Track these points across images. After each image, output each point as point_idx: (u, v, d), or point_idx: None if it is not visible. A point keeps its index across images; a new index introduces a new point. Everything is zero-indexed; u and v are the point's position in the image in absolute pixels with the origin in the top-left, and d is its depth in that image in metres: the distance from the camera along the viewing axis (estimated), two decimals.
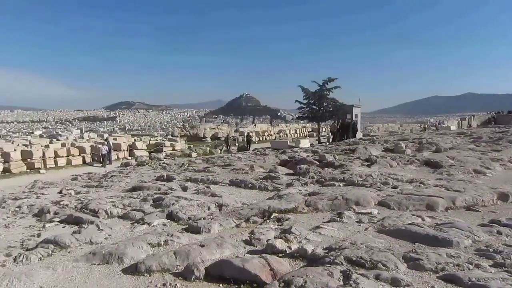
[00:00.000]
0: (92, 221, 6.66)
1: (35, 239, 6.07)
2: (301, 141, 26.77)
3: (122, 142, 26.42)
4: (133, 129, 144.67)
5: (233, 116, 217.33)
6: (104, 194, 9.96)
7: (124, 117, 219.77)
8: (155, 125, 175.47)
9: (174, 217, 6.56)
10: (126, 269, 4.34)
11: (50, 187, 13.18)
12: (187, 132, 38.67)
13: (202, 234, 5.51)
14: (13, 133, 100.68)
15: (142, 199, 8.36)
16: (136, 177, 13.33)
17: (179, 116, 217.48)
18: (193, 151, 25.94)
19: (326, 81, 34.00)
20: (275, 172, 11.13)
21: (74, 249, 5.32)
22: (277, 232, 5.24)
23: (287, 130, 48.59)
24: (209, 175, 11.43)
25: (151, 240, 5.09)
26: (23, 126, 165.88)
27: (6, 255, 5.05)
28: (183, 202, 7.49)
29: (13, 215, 8.32)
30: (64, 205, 8.62)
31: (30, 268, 4.58)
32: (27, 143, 26.05)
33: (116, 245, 4.91)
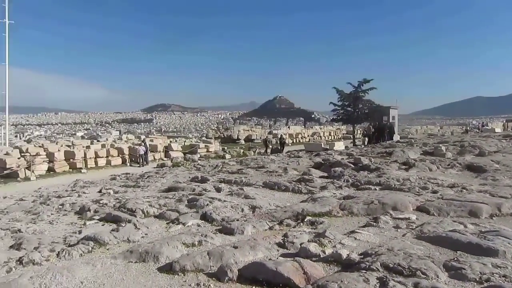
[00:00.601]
0: (130, 220, 6.85)
1: (77, 235, 6.32)
2: (336, 143, 26.39)
3: (158, 144, 27.09)
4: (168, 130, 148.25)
5: (266, 118, 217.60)
6: (141, 194, 10.24)
7: (160, 119, 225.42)
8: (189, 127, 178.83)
9: (208, 218, 6.63)
10: (162, 267, 4.42)
11: (91, 186, 13.72)
12: (221, 134, 39.11)
13: (235, 235, 5.53)
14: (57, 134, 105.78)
15: (177, 200, 8.52)
16: (171, 177, 13.61)
17: (213, 118, 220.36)
18: (227, 152, 26.17)
19: (362, 83, 33.30)
20: (309, 174, 11.01)
21: (113, 246, 5.50)
22: (311, 235, 5.16)
23: (321, 133, 48.09)
24: (243, 177, 11.47)
25: (185, 240, 5.16)
26: (66, 128, 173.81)
27: (50, 250, 5.29)
28: (217, 203, 7.56)
29: (57, 212, 8.73)
30: (103, 204, 8.93)
31: (72, 263, 4.77)
32: (70, 144, 27.27)
33: (152, 244, 5.01)
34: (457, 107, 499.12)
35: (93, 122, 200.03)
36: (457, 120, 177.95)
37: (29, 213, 9.08)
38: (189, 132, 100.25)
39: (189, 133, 79.14)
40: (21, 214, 9.18)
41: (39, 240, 6.13)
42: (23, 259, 5.00)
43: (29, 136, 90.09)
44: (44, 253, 5.18)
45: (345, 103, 33.96)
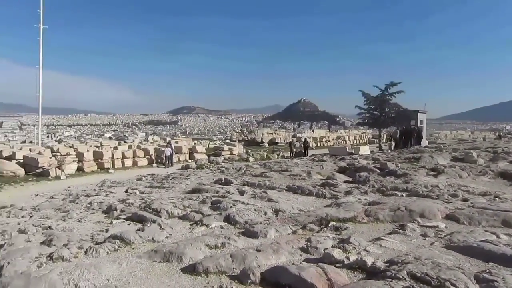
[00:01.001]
0: (155, 220, 6.96)
1: (104, 234, 6.47)
2: (361, 147, 25.99)
3: (183, 145, 27.45)
4: (193, 133, 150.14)
5: (290, 122, 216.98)
6: (166, 195, 10.39)
7: (185, 121, 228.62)
8: (214, 130, 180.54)
9: (231, 221, 6.65)
10: (185, 268, 4.46)
11: (118, 186, 14.05)
12: (245, 136, 39.26)
13: (258, 238, 5.52)
14: (86, 135, 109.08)
15: (201, 201, 8.59)
16: (195, 179, 13.76)
17: (237, 121, 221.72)
18: (251, 155, 26.22)
19: (389, 86, 32.65)
20: (333, 179, 10.89)
21: (138, 245, 5.59)
22: (335, 241, 5.09)
23: (346, 136, 47.50)
24: (266, 180, 11.46)
25: (209, 242, 5.19)
26: (95, 129, 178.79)
27: (78, 247, 5.43)
28: (240, 206, 7.57)
29: (85, 211, 8.97)
30: (129, 203, 9.12)
31: (99, 261, 4.88)
32: (98, 144, 28.03)
33: (176, 244, 5.07)
34: (490, 111, 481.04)
35: (120, 124, 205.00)
36: (490, 125, 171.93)
37: (59, 211, 9.38)
38: (213, 134, 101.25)
39: (213, 136, 79.90)
40: (51, 212, 9.51)
41: (68, 237, 6.31)
42: (53, 255, 5.15)
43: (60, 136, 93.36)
44: (73, 250, 5.33)
45: (371, 106, 33.41)
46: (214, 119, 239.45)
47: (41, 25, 28.72)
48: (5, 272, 4.70)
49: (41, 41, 29.02)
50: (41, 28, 28.80)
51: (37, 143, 30.70)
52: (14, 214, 10.11)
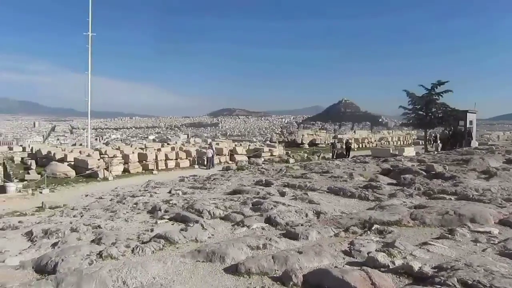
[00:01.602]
0: (197, 221, 7.11)
1: (149, 233, 6.70)
2: (405, 149, 25.12)
3: (224, 147, 27.82)
4: (233, 134, 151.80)
5: (331, 123, 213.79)
6: (207, 196, 10.58)
7: (226, 123, 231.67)
8: (254, 131, 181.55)
9: (272, 222, 6.65)
10: (228, 268, 4.52)
11: (161, 187, 14.49)
12: (285, 138, 39.14)
13: (299, 240, 5.48)
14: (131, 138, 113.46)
15: (242, 202, 8.68)
16: (236, 180, 13.91)
17: (277, 122, 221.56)
18: (291, 157, 26.10)
19: (436, 85, 31.21)
20: (376, 181, 10.61)
21: (182, 245, 5.74)
22: (379, 245, 4.95)
23: (389, 138, 46.08)
24: (307, 182, 11.37)
25: (250, 243, 5.22)
26: (139, 131, 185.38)
27: (126, 246, 5.66)
28: (281, 208, 7.56)
29: (131, 211, 9.33)
30: (173, 204, 9.38)
31: (145, 259, 5.06)
32: (142, 146, 29.05)
33: (218, 244, 5.15)
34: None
35: (163, 126, 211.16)
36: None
37: (108, 211, 9.82)
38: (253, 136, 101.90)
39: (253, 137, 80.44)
40: (100, 212, 9.97)
41: (116, 236, 6.59)
42: (102, 253, 5.41)
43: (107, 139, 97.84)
44: (121, 248, 5.56)
45: (417, 106, 32.10)
46: (254, 121, 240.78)
47: (89, 33, 30.26)
48: (59, 268, 4.98)
49: (90, 48, 30.60)
50: (90, 36, 30.33)
51: (86, 145, 32.35)
52: (66, 213, 10.72)
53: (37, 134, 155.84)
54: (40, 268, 5.24)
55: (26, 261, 5.65)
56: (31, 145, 32.13)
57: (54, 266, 5.03)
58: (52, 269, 5.01)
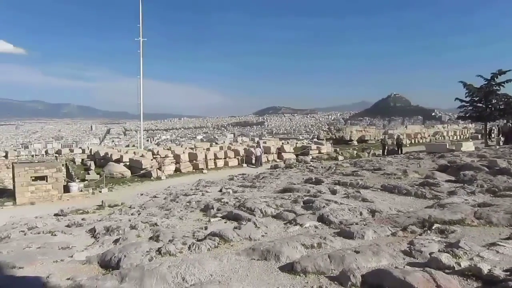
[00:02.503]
0: (249, 219, 7.17)
1: (203, 231, 6.86)
2: (463, 144, 23.68)
3: (271, 145, 27.89)
4: (279, 132, 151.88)
5: (379, 118, 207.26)
6: (258, 194, 10.65)
7: (271, 121, 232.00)
8: (300, 129, 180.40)
9: (325, 220, 6.56)
10: (283, 267, 4.52)
11: (212, 186, 14.79)
12: (332, 135, 38.47)
13: (355, 239, 5.36)
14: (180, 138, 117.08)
15: (293, 201, 8.64)
16: (285, 179, 13.87)
17: (323, 119, 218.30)
18: (340, 154, 25.63)
19: (496, 74, 29.08)
20: (433, 178, 10.12)
21: (236, 243, 5.81)
22: (441, 245, 4.71)
23: (444, 132, 43.80)
24: (358, 179, 11.09)
25: (304, 241, 5.18)
26: (188, 132, 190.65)
27: (182, 243, 5.84)
28: (333, 206, 7.44)
29: (185, 209, 9.61)
30: (224, 202, 9.54)
31: (201, 256, 5.19)
32: (192, 146, 29.85)
33: (272, 243, 5.15)
34: None
35: (210, 126, 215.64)
36: None
37: (162, 209, 10.18)
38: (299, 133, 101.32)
39: (299, 135, 80.00)
40: (156, 210, 10.36)
41: (173, 233, 6.82)
42: (161, 249, 5.61)
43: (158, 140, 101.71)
44: (178, 245, 5.74)
45: (475, 98, 30.15)
46: (300, 119, 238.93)
47: (140, 38, 31.55)
48: (122, 264, 5.24)
49: (141, 53, 31.92)
50: (141, 41, 31.62)
51: (139, 146, 33.81)
52: (124, 211, 11.26)
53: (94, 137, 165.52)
54: (105, 263, 5.55)
55: (92, 256, 6.00)
56: (90, 147, 34.12)
57: (118, 262, 5.30)
58: (116, 265, 5.28)
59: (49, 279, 4.93)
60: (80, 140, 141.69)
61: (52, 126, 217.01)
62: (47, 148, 38.24)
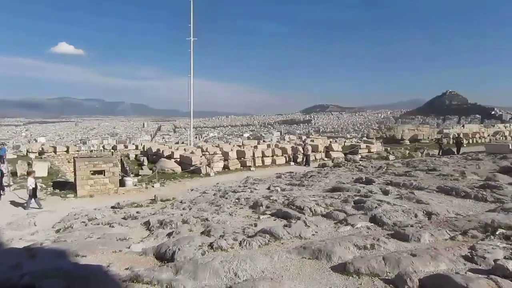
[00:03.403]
0: (299, 217, 7.14)
1: (253, 228, 6.92)
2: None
3: (319, 144, 27.54)
4: (326, 131, 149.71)
5: (433, 116, 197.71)
6: (306, 193, 10.57)
7: (318, 119, 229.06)
8: (347, 127, 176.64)
9: (378, 221, 6.37)
10: (335, 267, 4.46)
11: (259, 183, 14.88)
12: (382, 134, 37.28)
13: (410, 242, 5.16)
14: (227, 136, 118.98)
15: (343, 200, 8.48)
16: (334, 178, 13.65)
17: (372, 117, 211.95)
18: (390, 153, 24.75)
19: None
20: (495, 180, 9.50)
21: (286, 241, 5.82)
22: (507, 251, 4.42)
23: (506, 132, 40.88)
24: (412, 180, 10.66)
25: (357, 242, 5.08)
26: (235, 130, 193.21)
27: (233, 239, 5.94)
28: (386, 207, 7.21)
29: (234, 205, 9.75)
30: (273, 200, 9.56)
31: (252, 253, 5.24)
32: (240, 144, 30.21)
33: (324, 242, 5.10)
34: None
35: (257, 124, 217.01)
36: None
37: (212, 205, 10.40)
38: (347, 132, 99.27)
39: (347, 134, 78.40)
40: (206, 205, 10.61)
41: (223, 229, 6.95)
42: (213, 244, 5.75)
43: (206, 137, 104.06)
44: (229, 241, 5.85)
45: None
46: (348, 117, 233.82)
47: (191, 38, 32.37)
48: (176, 256, 5.43)
49: (191, 52, 32.75)
50: (191, 41, 32.45)
51: (188, 143, 34.77)
52: (176, 206, 11.62)
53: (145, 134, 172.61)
54: (160, 255, 5.77)
55: (148, 248, 6.27)
56: (143, 144, 35.63)
57: (172, 254, 5.50)
58: (170, 257, 5.48)
59: (109, 268, 5.22)
60: (133, 136, 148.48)
61: (108, 123, 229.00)
62: (103, 144, 40.45)
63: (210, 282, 4.33)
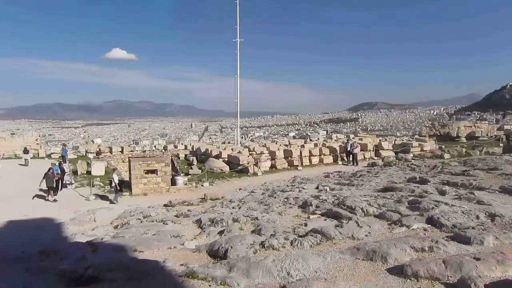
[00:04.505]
0: (350, 217, 7.00)
1: (303, 227, 6.89)
2: None
3: (368, 142, 26.80)
4: (374, 129, 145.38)
5: (491, 112, 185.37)
6: (356, 192, 10.33)
7: (366, 117, 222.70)
8: (397, 125, 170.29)
9: (436, 223, 6.09)
10: (391, 269, 4.32)
11: (307, 183, 14.75)
12: (436, 131, 35.46)
13: (472, 245, 4.89)
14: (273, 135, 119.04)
15: (396, 200, 8.20)
16: (385, 177, 13.23)
17: (424, 114, 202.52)
18: (446, 152, 23.49)
19: None
20: None
21: (338, 241, 5.73)
22: None
23: None
24: (471, 180, 10.07)
25: (414, 244, 4.89)
26: (280, 129, 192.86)
27: (284, 238, 5.94)
28: (444, 208, 6.88)
29: (283, 205, 9.75)
30: (322, 199, 9.44)
31: (304, 252, 5.22)
32: (287, 143, 30.13)
33: (378, 243, 4.96)
34: None
35: (302, 123, 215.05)
36: None
37: (261, 204, 10.46)
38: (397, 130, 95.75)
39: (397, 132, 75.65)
40: (255, 204, 10.69)
41: (274, 228, 6.98)
42: (264, 243, 5.79)
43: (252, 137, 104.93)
44: (280, 240, 5.86)
45: None
46: (398, 114, 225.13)
47: (238, 39, 32.67)
48: (229, 254, 5.53)
49: (238, 53, 33.04)
50: (238, 42, 32.73)
51: (235, 143, 35.21)
52: (225, 205, 11.83)
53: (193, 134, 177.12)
54: (213, 252, 5.91)
55: (201, 245, 6.45)
56: (192, 144, 36.59)
57: (225, 252, 5.61)
58: (223, 255, 5.60)
59: (165, 264, 5.43)
60: (181, 137, 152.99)
61: (158, 124, 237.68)
62: (154, 144, 42.05)
63: (263, 280, 4.36)
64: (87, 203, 15.99)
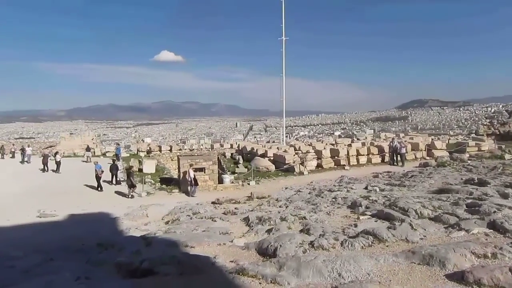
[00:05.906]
0: (403, 219, 6.73)
1: (353, 228, 6.72)
2: None
3: (420, 142, 25.72)
4: (425, 128, 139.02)
5: None
6: (409, 194, 9.94)
7: (416, 115, 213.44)
8: (450, 123, 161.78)
9: (499, 228, 5.70)
10: (450, 275, 4.11)
11: (355, 183, 14.42)
12: (495, 130, 33.29)
13: None
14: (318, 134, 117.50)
15: (453, 203, 7.78)
16: (439, 178, 12.62)
17: (480, 112, 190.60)
18: (506, 152, 21.98)
19: None
20: None
21: (391, 244, 5.53)
22: None
23: None
24: None
25: (475, 250, 4.61)
26: (325, 128, 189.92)
27: (334, 238, 5.84)
28: (508, 212, 6.42)
29: (331, 205, 9.59)
30: (372, 200, 9.18)
31: (355, 254, 5.09)
32: (333, 142, 29.63)
33: (435, 247, 4.73)
34: None
35: (348, 122, 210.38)
36: None
37: (309, 203, 10.37)
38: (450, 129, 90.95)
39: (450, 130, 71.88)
40: (302, 204, 10.62)
41: (322, 228, 6.88)
42: (314, 243, 5.72)
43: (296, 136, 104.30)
44: (330, 240, 5.76)
45: None
46: (451, 112, 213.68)
47: (283, 37, 32.54)
48: (279, 253, 5.52)
49: (283, 52, 32.91)
50: (283, 40, 32.61)
51: (280, 142, 35.15)
52: (272, 204, 11.85)
53: (238, 133, 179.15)
54: (262, 250, 5.94)
55: (250, 243, 6.50)
56: (238, 143, 37.03)
57: (274, 250, 5.61)
58: (272, 253, 5.60)
59: (216, 260, 5.53)
60: (227, 136, 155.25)
61: (204, 124, 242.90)
62: (200, 143, 42.98)
63: (314, 280, 4.31)
64: (139, 199, 16.70)
